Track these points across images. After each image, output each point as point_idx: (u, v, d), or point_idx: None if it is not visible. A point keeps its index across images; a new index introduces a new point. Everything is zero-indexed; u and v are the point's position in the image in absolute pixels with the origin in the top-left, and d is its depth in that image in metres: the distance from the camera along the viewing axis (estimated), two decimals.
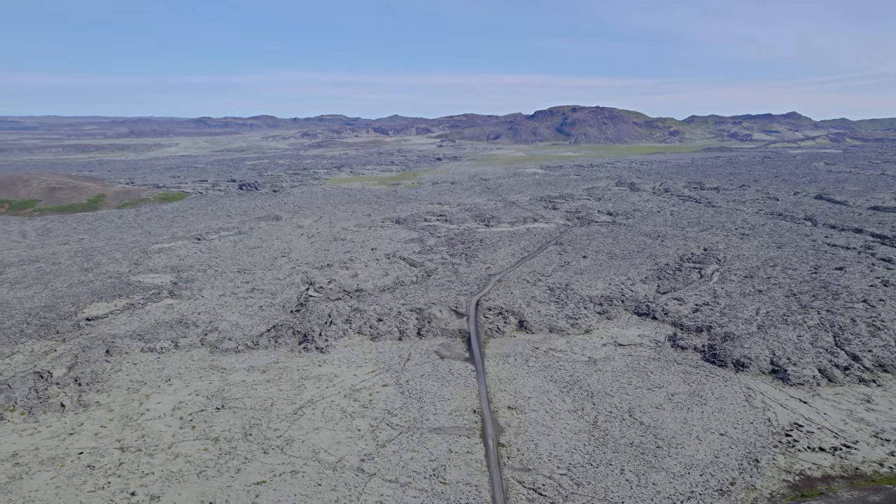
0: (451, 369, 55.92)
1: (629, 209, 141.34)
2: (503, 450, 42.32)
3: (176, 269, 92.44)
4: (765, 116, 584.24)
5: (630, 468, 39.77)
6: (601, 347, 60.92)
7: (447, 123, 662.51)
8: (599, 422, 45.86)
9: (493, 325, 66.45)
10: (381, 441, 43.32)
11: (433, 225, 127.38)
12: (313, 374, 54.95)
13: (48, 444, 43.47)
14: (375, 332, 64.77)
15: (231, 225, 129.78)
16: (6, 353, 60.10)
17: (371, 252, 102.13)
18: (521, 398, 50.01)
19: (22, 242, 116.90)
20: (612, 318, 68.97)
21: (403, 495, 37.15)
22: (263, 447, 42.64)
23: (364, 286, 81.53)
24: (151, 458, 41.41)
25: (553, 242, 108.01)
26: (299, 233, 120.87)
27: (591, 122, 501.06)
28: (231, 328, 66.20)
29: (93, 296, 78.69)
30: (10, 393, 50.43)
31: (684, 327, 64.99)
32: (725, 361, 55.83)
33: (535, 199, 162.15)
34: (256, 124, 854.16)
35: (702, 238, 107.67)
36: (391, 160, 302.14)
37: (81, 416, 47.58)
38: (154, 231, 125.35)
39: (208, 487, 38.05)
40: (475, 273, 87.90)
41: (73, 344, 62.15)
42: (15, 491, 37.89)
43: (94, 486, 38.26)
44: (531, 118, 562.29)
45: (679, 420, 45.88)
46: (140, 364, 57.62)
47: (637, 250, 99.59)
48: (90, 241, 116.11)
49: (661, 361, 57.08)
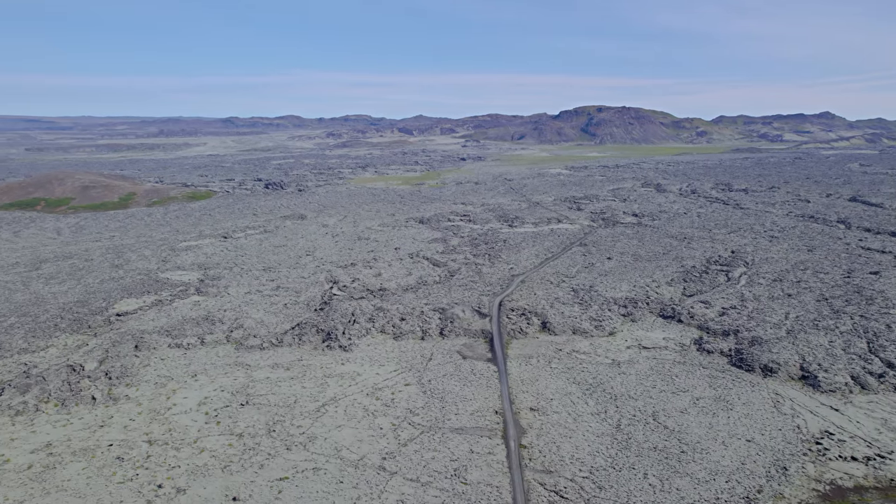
0: (473, 370, 55.86)
1: (655, 210, 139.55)
2: (525, 451, 42.13)
3: (203, 266, 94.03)
4: (796, 116, 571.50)
5: (653, 473, 39.26)
6: (625, 350, 60.26)
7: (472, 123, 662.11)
8: (623, 425, 45.37)
9: (515, 326, 66.19)
10: (402, 440, 43.47)
11: (457, 225, 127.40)
12: (336, 372, 55.39)
13: (80, 435, 44.59)
14: (398, 332, 65.03)
15: (257, 223, 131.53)
16: (41, 346, 61.82)
17: (395, 251, 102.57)
18: (543, 400, 49.72)
19: (57, 239, 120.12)
20: (637, 321, 68.17)
21: (424, 494, 37.22)
22: (286, 443, 43.12)
23: (387, 285, 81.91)
24: (178, 451, 42.19)
25: (577, 243, 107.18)
26: (324, 232, 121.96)
27: (616, 122, 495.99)
28: (256, 325, 67.08)
29: (123, 292, 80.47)
30: (44, 385, 51.86)
31: (710, 331, 63.93)
32: (753, 366, 54.76)
33: (559, 199, 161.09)
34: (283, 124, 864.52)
35: (729, 240, 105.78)
36: (415, 160, 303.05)
37: (111, 408, 48.69)
38: (182, 229, 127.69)
39: (232, 482, 38.62)
40: (498, 273, 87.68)
41: (104, 338, 63.65)
42: (49, 480, 38.97)
43: (123, 477, 39.14)
44: (556, 118, 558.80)
45: (704, 425, 45.14)
46: (167, 359, 58.75)
47: (663, 252, 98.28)
48: (121, 239, 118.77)
49: (686, 365, 56.23)
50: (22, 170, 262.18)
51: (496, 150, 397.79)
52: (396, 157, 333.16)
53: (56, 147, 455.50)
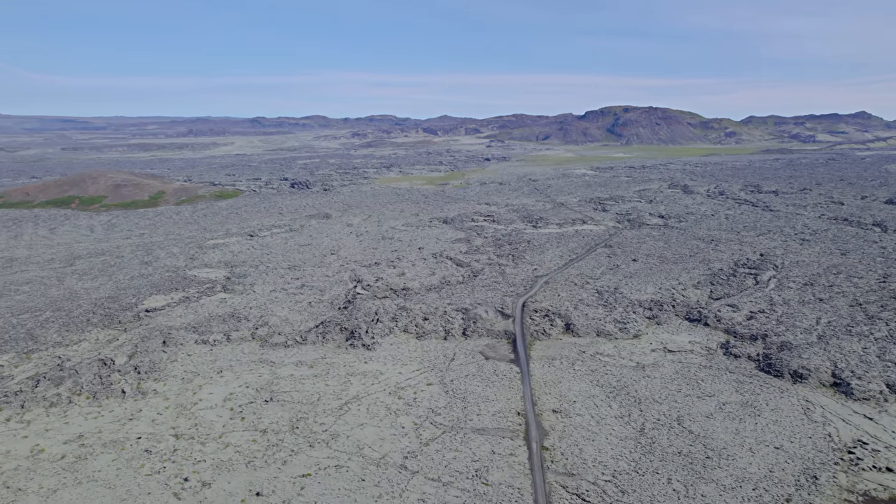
0: (495, 370, 55.71)
1: (682, 212, 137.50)
2: (547, 453, 41.86)
3: (229, 264, 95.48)
4: (830, 116, 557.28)
5: (678, 478, 38.66)
6: (650, 353, 59.47)
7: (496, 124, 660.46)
8: (647, 429, 44.78)
9: (539, 328, 65.83)
10: (424, 439, 43.54)
11: (480, 225, 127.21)
12: (359, 371, 55.74)
13: (110, 427, 45.64)
14: (421, 331, 65.17)
15: (283, 222, 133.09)
16: (75, 339, 63.46)
17: (418, 251, 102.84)
18: (566, 402, 49.35)
19: (90, 236, 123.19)
20: (662, 324, 67.24)
21: (445, 494, 37.22)
22: (309, 440, 43.52)
23: (411, 285, 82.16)
24: (203, 446, 42.89)
25: (602, 245, 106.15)
26: (348, 231, 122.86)
27: (643, 122, 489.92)
28: (281, 323, 67.86)
29: (152, 288, 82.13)
30: (77, 378, 53.22)
31: (738, 335, 62.73)
32: (782, 372, 53.55)
33: (584, 200, 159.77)
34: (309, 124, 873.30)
35: (758, 243, 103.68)
36: (440, 160, 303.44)
37: (140, 402, 49.73)
38: (209, 227, 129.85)
39: (256, 477, 39.12)
40: (522, 274, 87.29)
41: (133, 334, 65.05)
42: (80, 470, 39.99)
43: (151, 469, 39.94)
44: (582, 118, 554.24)
45: (731, 431, 44.29)
46: (194, 355, 59.78)
47: (689, 254, 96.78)
48: (150, 236, 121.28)
49: (712, 369, 55.27)
50: (58, 169, 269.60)
51: (521, 150, 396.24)
52: (421, 157, 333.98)
53: (90, 146, 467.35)
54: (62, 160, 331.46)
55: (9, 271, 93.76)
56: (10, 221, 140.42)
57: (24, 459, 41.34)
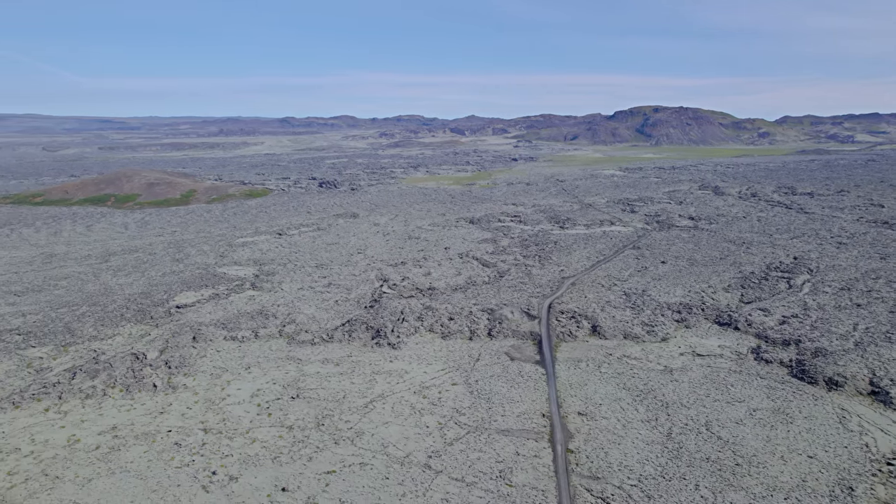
0: (521, 371, 55.46)
1: (712, 214, 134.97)
2: (572, 456, 41.50)
3: (258, 262, 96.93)
4: (871, 116, 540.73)
5: (706, 484, 37.94)
6: (678, 357, 58.52)
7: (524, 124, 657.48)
8: (674, 433, 44.07)
9: (565, 329, 65.32)
10: (448, 439, 43.57)
11: (507, 226, 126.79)
12: (384, 370, 56.04)
13: (142, 420, 46.74)
14: (446, 331, 65.22)
15: (311, 221, 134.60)
16: (109, 334, 65.17)
17: (444, 251, 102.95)
18: (591, 404, 48.86)
19: (124, 233, 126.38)
20: (691, 327, 66.10)
21: (469, 495, 37.18)
22: (335, 438, 43.92)
23: (436, 285, 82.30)
24: (231, 440, 43.62)
25: (630, 246, 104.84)
26: (375, 230, 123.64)
27: (673, 122, 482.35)
28: (308, 321, 68.62)
29: (183, 285, 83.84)
30: (111, 371, 54.65)
31: (769, 340, 61.30)
32: (816, 378, 52.14)
33: (612, 201, 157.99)
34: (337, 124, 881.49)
35: (792, 246, 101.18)
36: (467, 160, 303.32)
37: (170, 396, 50.82)
38: (239, 225, 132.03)
39: (282, 473, 39.63)
40: (548, 275, 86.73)
41: (164, 329, 66.50)
42: (114, 460, 41.06)
43: (181, 462, 40.78)
44: (611, 119, 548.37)
45: (761, 438, 43.31)
46: (223, 351, 60.84)
47: (720, 257, 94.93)
48: (181, 234, 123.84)
49: (742, 374, 54.11)
50: (95, 167, 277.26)
51: (548, 150, 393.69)
52: (448, 157, 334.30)
53: (126, 146, 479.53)
54: (99, 159, 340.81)
55: (48, 266, 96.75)
56: (50, 218, 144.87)
57: (62, 449, 42.62)
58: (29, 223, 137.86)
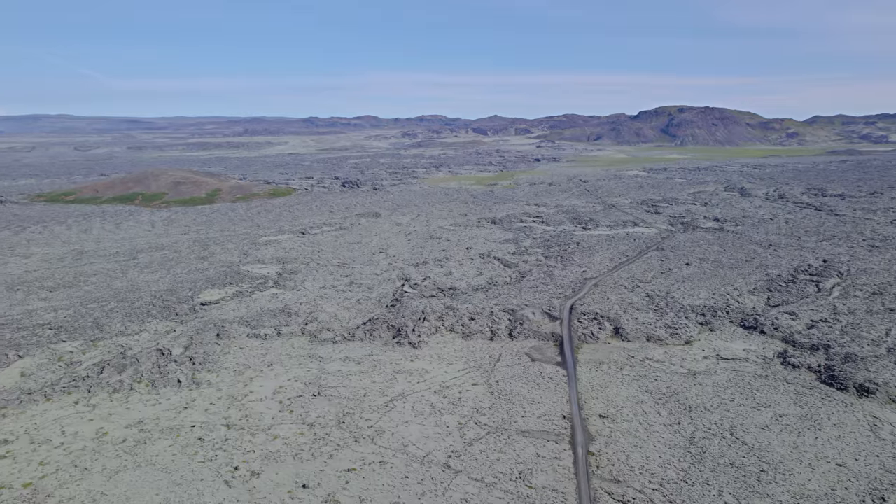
0: (541, 372, 55.17)
1: (738, 215, 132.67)
2: (592, 458, 41.15)
3: (281, 260, 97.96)
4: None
5: (729, 490, 37.30)
6: (702, 360, 57.64)
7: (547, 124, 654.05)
8: (697, 438, 43.42)
9: (587, 331, 64.80)
10: (468, 439, 43.53)
11: (529, 226, 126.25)
12: (405, 369, 56.20)
13: (167, 415, 47.57)
14: (467, 331, 65.17)
15: (333, 220, 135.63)
16: (136, 329, 66.47)
17: (466, 251, 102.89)
18: (613, 407, 48.40)
19: (151, 231, 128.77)
20: (716, 330, 65.06)
21: (488, 495, 37.10)
22: (355, 436, 44.17)
23: (458, 284, 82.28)
24: (253, 437, 44.16)
25: (654, 248, 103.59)
26: (397, 230, 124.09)
27: (699, 122, 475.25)
28: (330, 319, 69.14)
29: (207, 282, 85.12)
30: (138, 366, 55.75)
31: (797, 344, 60.03)
32: (846, 385, 50.90)
33: (636, 202, 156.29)
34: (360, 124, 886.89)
35: (821, 248, 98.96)
36: (489, 160, 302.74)
37: (194, 392, 51.63)
38: (263, 224, 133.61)
39: (302, 469, 39.99)
40: (570, 276, 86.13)
41: (189, 326, 67.58)
42: (140, 454, 41.87)
43: (204, 457, 41.41)
44: (635, 119, 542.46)
45: (788, 444, 42.44)
46: (246, 348, 61.60)
47: (746, 259, 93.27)
48: (206, 232, 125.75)
49: (768, 379, 53.09)
50: (124, 167, 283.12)
51: (571, 150, 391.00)
52: (470, 157, 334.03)
53: (153, 146, 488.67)
54: (128, 158, 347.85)
55: (79, 263, 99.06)
56: (80, 216, 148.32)
57: (90, 441, 43.60)
58: (61, 221, 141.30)
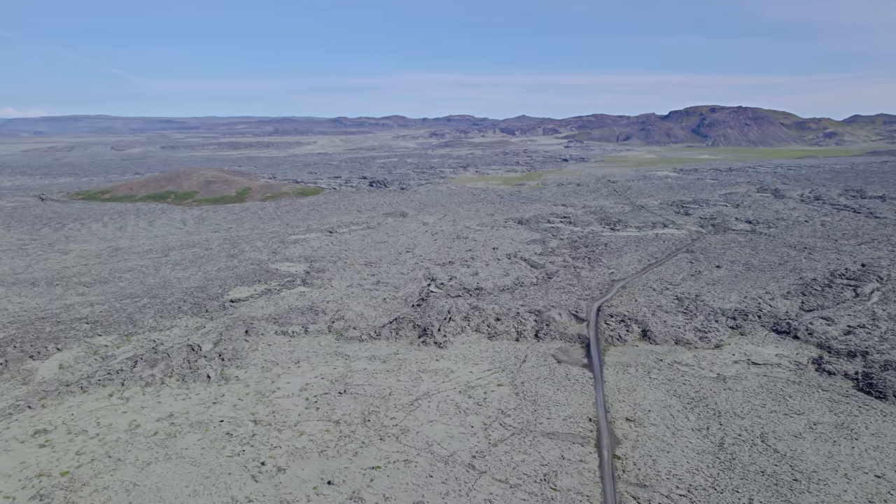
0: (567, 374, 54.70)
1: (771, 217, 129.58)
2: (619, 462, 40.63)
3: (309, 259, 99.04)
4: None
5: (760, 499, 36.43)
6: (732, 364, 56.45)
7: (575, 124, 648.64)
8: (726, 444, 42.53)
9: (614, 333, 64.03)
10: (493, 440, 43.39)
11: (556, 227, 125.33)
12: (430, 368, 56.29)
13: (196, 409, 48.49)
14: (493, 331, 64.98)
15: (360, 220, 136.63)
16: (167, 325, 67.93)
17: (492, 251, 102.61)
18: (640, 411, 47.71)
19: (182, 229, 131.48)
20: (747, 334, 63.65)
21: (513, 497, 36.91)
22: (380, 434, 44.40)
23: (484, 285, 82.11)
24: (279, 433, 44.72)
25: (684, 250, 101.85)
26: (424, 230, 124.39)
27: (731, 122, 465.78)
28: (356, 318, 69.65)
29: (236, 280, 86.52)
30: (169, 361, 56.96)
31: (833, 350, 58.36)
32: (885, 393, 49.28)
33: (665, 203, 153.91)
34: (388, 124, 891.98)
35: (859, 252, 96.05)
36: (516, 160, 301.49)
37: (223, 387, 52.52)
38: (291, 223, 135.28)
39: (328, 466, 40.35)
40: (598, 278, 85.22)
41: (218, 322, 68.78)
42: (170, 446, 42.77)
43: (232, 451, 42.09)
44: (665, 119, 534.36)
45: (822, 453, 41.27)
46: (273, 345, 62.44)
47: (779, 262, 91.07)
48: (236, 231, 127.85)
49: (802, 385, 51.72)
50: (157, 166, 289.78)
51: (600, 151, 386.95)
52: (497, 157, 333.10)
53: (185, 145, 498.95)
54: (161, 158, 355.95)
55: (114, 260, 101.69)
56: (116, 214, 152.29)
57: (123, 433, 44.70)
58: (97, 218, 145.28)
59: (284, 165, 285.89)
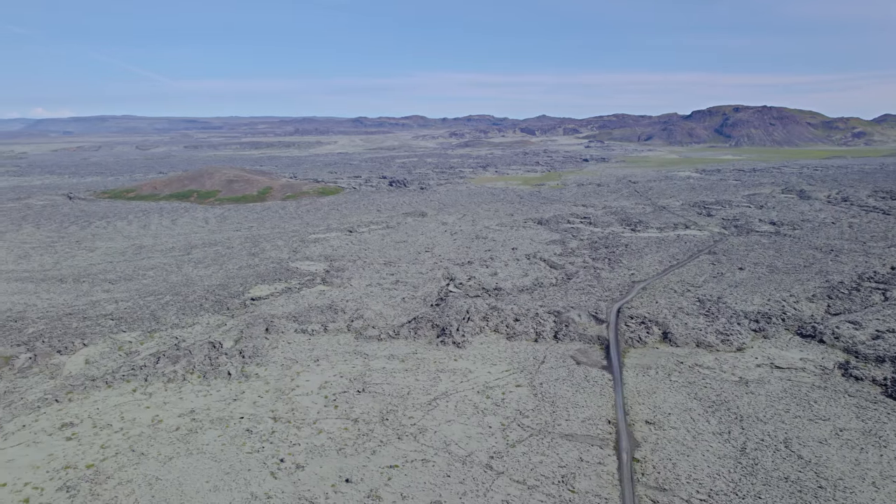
0: (586, 376, 54.32)
1: (796, 219, 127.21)
2: (638, 465, 40.24)
3: (329, 258, 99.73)
4: None
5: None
6: (754, 368, 55.54)
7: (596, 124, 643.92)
8: (749, 449, 41.86)
9: (634, 335, 63.42)
10: (511, 441, 43.27)
11: (576, 227, 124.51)
12: (449, 368, 56.32)
13: (217, 406, 49.13)
14: (511, 332, 64.79)
15: (380, 219, 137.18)
16: (189, 322, 68.92)
17: (511, 251, 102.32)
18: (660, 413, 47.19)
19: (205, 228, 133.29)
20: (770, 338, 62.57)
21: (530, 498, 36.77)
22: (398, 433, 44.54)
23: (503, 285, 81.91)
24: (298, 430, 45.10)
25: (706, 251, 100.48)
26: (443, 229, 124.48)
27: (755, 122, 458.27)
28: (375, 317, 69.95)
29: (257, 278, 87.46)
30: (190, 358, 57.79)
31: (860, 355, 57.10)
32: None
33: (687, 204, 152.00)
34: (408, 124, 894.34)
35: (889, 255, 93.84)
36: (536, 160, 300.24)
37: (243, 384, 53.14)
38: (312, 222, 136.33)
39: (346, 464, 40.59)
40: (618, 279, 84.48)
41: (239, 320, 69.60)
42: (191, 442, 43.41)
43: (251, 448, 42.57)
44: (687, 119, 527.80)
45: (849, 460, 40.40)
46: (293, 343, 62.99)
47: (804, 265, 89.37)
48: (257, 229, 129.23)
49: (827, 391, 50.69)
50: (181, 165, 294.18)
51: (621, 151, 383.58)
52: (517, 157, 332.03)
53: (208, 145, 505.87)
54: (184, 157, 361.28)
55: (138, 257, 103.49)
56: (140, 213, 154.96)
57: (146, 427, 45.47)
58: (122, 216, 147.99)
59: (305, 165, 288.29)
